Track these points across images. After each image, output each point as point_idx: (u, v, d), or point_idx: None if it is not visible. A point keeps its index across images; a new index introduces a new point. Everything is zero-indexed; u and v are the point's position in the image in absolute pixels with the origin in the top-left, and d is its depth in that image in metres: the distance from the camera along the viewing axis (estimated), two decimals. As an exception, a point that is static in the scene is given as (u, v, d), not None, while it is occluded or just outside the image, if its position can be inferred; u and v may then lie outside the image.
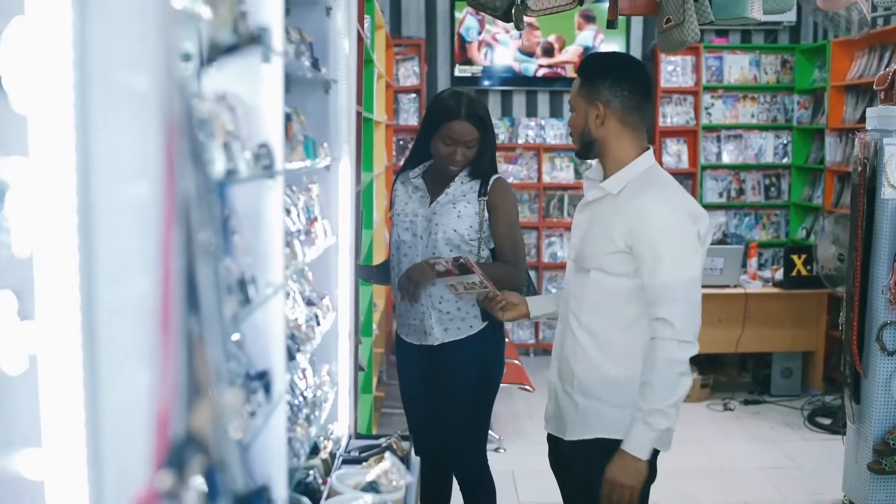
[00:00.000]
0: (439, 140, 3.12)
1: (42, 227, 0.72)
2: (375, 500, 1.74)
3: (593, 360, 2.49)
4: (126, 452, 0.76)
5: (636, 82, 2.49)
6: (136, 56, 0.76)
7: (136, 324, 0.77)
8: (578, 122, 2.53)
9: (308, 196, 2.14)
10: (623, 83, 2.46)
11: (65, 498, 0.72)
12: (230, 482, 0.84)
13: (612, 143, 2.49)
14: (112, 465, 0.75)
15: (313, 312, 2.06)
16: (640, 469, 2.36)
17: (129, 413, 0.77)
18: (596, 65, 2.59)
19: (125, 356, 0.77)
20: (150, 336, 0.77)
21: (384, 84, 6.02)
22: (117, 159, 0.76)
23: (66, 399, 0.72)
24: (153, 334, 0.76)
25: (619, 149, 2.49)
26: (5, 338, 0.68)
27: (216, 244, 0.86)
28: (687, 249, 2.37)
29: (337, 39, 2.27)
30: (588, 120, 2.49)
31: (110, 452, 0.74)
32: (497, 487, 4.64)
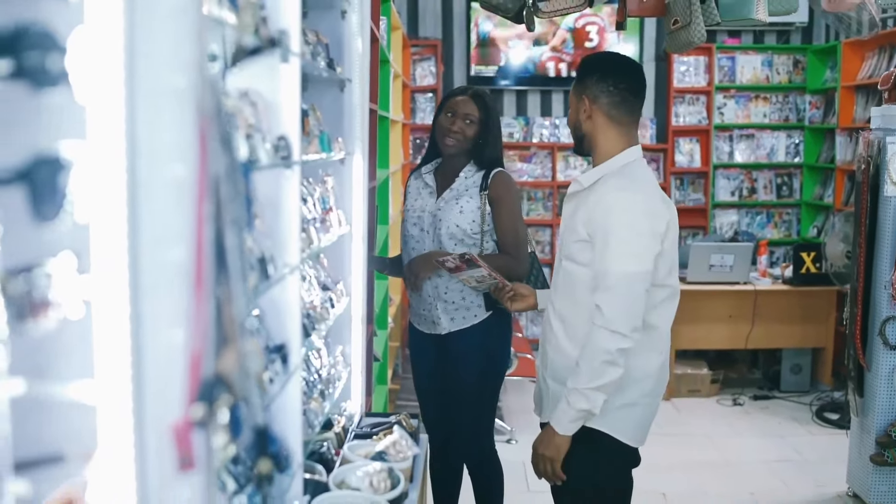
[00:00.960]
0: (442, 115, 3.29)
1: (97, 200, 0.86)
2: (384, 466, 1.88)
3: (562, 345, 2.54)
4: (165, 387, 0.91)
5: (623, 79, 2.54)
6: (174, 58, 0.90)
7: (173, 281, 0.91)
8: (571, 117, 2.62)
9: (324, 188, 2.28)
10: (609, 79, 2.52)
11: (112, 421, 0.87)
12: (251, 417, 0.98)
13: (599, 138, 2.55)
14: (152, 397, 0.89)
15: (328, 296, 2.20)
16: (559, 443, 2.43)
17: (168, 354, 0.91)
18: (588, 62, 2.66)
19: (164, 307, 0.91)
20: (185, 292, 0.91)
21: (401, 84, 6.16)
22: (159, 144, 0.91)
23: (115, 340, 0.87)
24: (188, 291, 0.90)
25: (605, 143, 2.54)
26: (67, 288, 0.82)
27: (241, 216, 1.00)
28: (633, 243, 2.38)
29: (351, 41, 2.42)
30: (578, 114, 2.56)
31: (151, 386, 0.89)
32: (508, 477, 4.76)
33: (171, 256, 0.91)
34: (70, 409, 0.85)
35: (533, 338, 7.46)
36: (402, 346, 6.54)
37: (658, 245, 2.43)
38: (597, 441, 2.50)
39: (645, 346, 2.48)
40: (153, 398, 0.89)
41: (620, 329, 2.34)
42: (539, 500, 4.48)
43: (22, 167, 0.76)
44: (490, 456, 3.54)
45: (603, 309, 2.35)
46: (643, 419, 2.58)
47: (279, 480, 1.63)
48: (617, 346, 2.34)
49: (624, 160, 2.52)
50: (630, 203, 2.41)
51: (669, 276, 2.51)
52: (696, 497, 4.57)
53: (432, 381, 3.51)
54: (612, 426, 2.50)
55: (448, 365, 3.39)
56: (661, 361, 2.57)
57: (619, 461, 2.59)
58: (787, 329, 6.25)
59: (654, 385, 2.57)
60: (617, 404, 2.48)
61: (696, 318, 6.03)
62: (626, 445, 2.54)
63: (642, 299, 2.39)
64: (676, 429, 5.59)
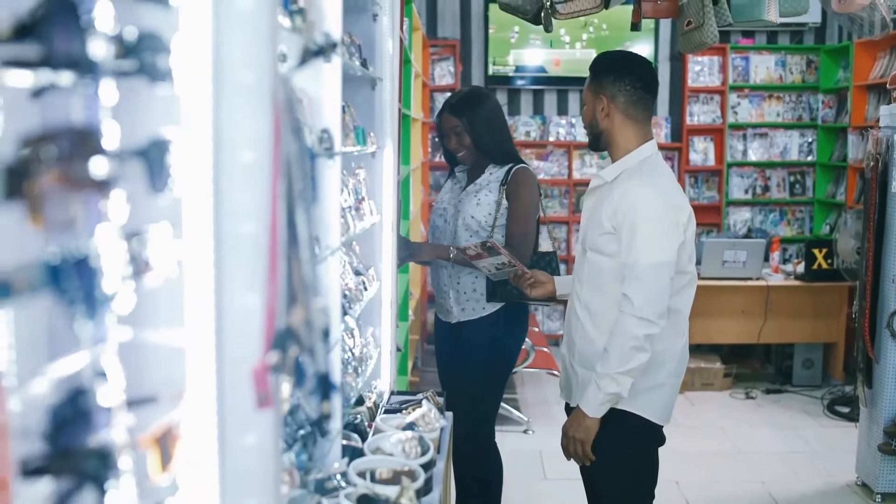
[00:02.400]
0: (439, 139, 3.49)
1: (187, 177, 1.02)
2: (415, 434, 2.04)
3: (589, 333, 2.67)
4: (244, 336, 1.06)
5: (639, 78, 2.67)
6: (252, 58, 1.06)
7: (251, 247, 1.07)
8: (587, 115, 2.73)
9: (356, 180, 2.44)
10: (626, 78, 2.65)
11: (198, 362, 1.03)
12: (316, 365, 1.13)
13: (616, 135, 2.68)
14: (234, 344, 1.05)
15: (360, 280, 2.36)
16: (588, 425, 2.56)
17: (247, 308, 1.06)
18: (603, 62, 2.77)
19: (243, 270, 1.06)
20: (261, 256, 1.06)
21: (421, 83, 6.32)
22: (239, 130, 1.06)
23: (201, 295, 1.02)
24: (264, 255, 1.06)
25: (622, 139, 2.67)
26: (164, 251, 0.98)
27: (307, 194, 1.15)
28: (659, 235, 2.52)
29: (382, 42, 2.58)
30: (595, 112, 2.68)
31: (233, 334, 1.05)
32: (525, 466, 4.89)
33: (249, 226, 1.06)
34: (164, 354, 1.00)
35: (549, 333, 7.60)
36: (421, 341, 6.69)
37: (681, 235, 2.57)
38: (626, 422, 2.64)
39: (668, 330, 2.63)
40: (234, 345, 1.05)
41: (648, 316, 2.48)
42: (555, 487, 4.63)
43: (141, 147, 0.92)
44: (486, 447, 3.58)
45: (632, 298, 2.48)
46: (669, 398, 2.72)
47: (321, 444, 1.79)
48: (645, 332, 2.48)
49: (642, 155, 2.65)
50: (654, 197, 2.54)
51: (689, 263, 2.65)
52: (709, 485, 4.70)
53: (450, 365, 3.64)
54: (640, 407, 2.65)
55: (456, 354, 3.52)
56: (682, 343, 2.73)
57: (648, 440, 2.74)
58: (799, 324, 6.35)
59: (677, 366, 2.72)
60: (644, 386, 2.63)
61: (709, 313, 6.15)
62: (653, 424, 2.69)
63: (668, 288, 2.53)
64: (690, 420, 5.71)
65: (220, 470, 1.10)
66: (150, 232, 0.95)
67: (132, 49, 0.85)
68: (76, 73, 0.76)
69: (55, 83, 0.73)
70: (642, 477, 2.79)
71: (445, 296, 3.47)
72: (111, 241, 0.84)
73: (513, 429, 5.44)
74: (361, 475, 1.85)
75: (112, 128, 0.83)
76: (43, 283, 0.72)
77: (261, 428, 1.11)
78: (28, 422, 0.77)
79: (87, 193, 0.79)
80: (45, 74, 0.72)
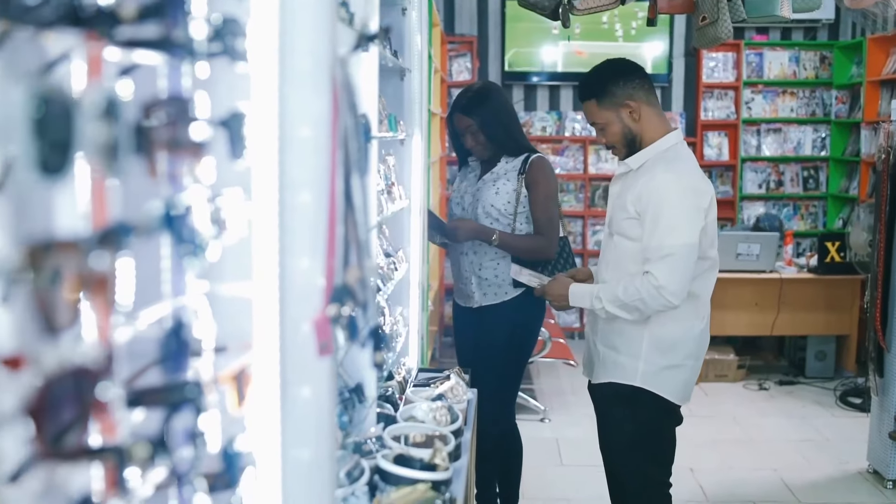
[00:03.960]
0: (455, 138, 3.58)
1: (255, 149, 1.14)
2: (444, 404, 2.16)
3: (604, 316, 2.79)
4: (306, 289, 1.18)
5: (637, 71, 2.82)
6: (314, 43, 1.18)
7: (312, 212, 1.19)
8: (616, 130, 2.79)
9: (386, 166, 2.56)
10: (632, 76, 2.77)
11: (264, 311, 1.15)
12: (370, 319, 1.26)
13: (645, 129, 2.79)
14: (296, 297, 1.17)
15: (391, 261, 2.49)
16: (564, 305, 2.90)
17: (308, 265, 1.18)
18: (599, 78, 2.83)
19: (305, 231, 1.18)
20: (321, 221, 1.18)
21: (439, 79, 6.43)
22: (302, 106, 1.18)
23: (267, 252, 1.15)
24: (324, 221, 1.17)
25: (649, 131, 2.79)
26: (237, 212, 1.10)
27: (363, 164, 1.27)
28: (683, 218, 2.62)
29: (411, 35, 2.70)
30: (625, 121, 2.77)
31: (295, 288, 1.17)
32: (542, 453, 4.99)
33: (310, 194, 1.18)
34: (236, 302, 1.13)
35: (565, 326, 7.71)
36: (439, 333, 6.80)
37: (703, 220, 2.67)
38: (645, 401, 2.77)
39: (688, 313, 2.74)
40: (297, 297, 1.17)
41: (671, 298, 2.60)
42: (571, 473, 4.75)
43: (224, 118, 1.04)
44: (509, 430, 3.69)
45: (656, 275, 2.59)
46: (688, 379, 2.84)
47: (359, 409, 1.91)
48: (657, 308, 2.62)
49: (668, 143, 2.77)
50: (677, 182, 2.65)
51: (710, 248, 2.76)
52: (722, 471, 4.79)
53: (473, 355, 3.75)
54: (660, 386, 2.77)
55: (479, 337, 3.64)
56: (701, 328, 2.84)
57: (666, 419, 2.86)
58: (812, 317, 6.40)
59: (696, 348, 2.83)
60: (664, 366, 2.75)
61: (722, 306, 6.21)
62: (671, 404, 2.81)
63: (691, 270, 2.63)
64: (704, 410, 5.80)
65: (282, 415, 1.22)
66: (227, 194, 1.08)
67: (218, 32, 0.97)
68: (180, 51, 0.88)
69: (164, 59, 0.86)
70: (660, 455, 2.91)
71: (467, 282, 3.58)
72: (202, 199, 0.96)
73: (530, 417, 5.55)
74: (396, 439, 1.98)
75: (204, 100, 0.96)
76: (155, 229, 0.84)
77: (318, 377, 1.23)
78: (142, 349, 0.89)
79: (186, 155, 0.92)
80: (156, 53, 0.85)
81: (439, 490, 1.75)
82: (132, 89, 0.80)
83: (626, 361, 2.79)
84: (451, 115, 3.57)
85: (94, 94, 0.71)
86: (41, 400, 0.69)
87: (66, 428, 0.71)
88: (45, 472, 0.72)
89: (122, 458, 0.79)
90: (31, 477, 0.73)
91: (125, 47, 0.85)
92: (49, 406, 0.69)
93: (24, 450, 0.70)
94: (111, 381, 0.75)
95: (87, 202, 0.74)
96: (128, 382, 0.87)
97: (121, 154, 0.74)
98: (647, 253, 2.65)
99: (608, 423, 2.94)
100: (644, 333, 2.75)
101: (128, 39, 0.80)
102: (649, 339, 2.75)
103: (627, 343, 2.78)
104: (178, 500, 0.95)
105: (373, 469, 1.81)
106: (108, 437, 0.79)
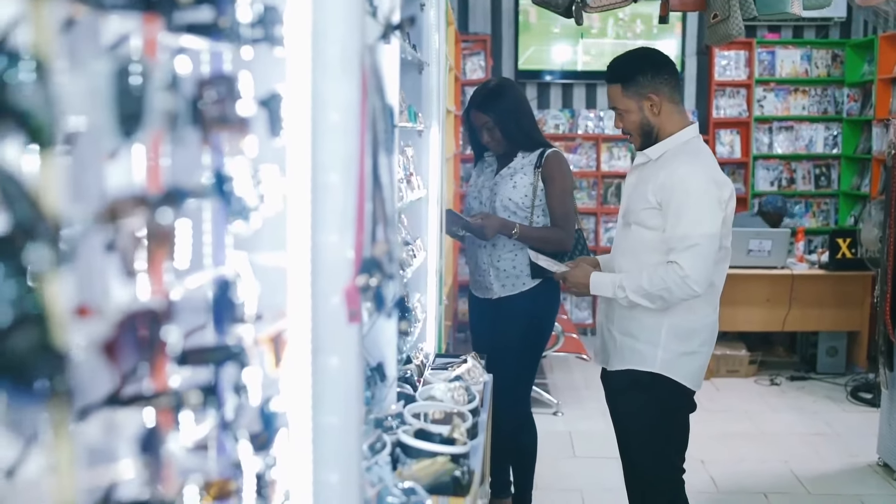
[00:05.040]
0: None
1: (290, 130, 1.22)
2: (462, 384, 2.24)
3: (626, 305, 2.85)
4: (337, 260, 1.27)
5: (668, 65, 2.88)
6: (344, 28, 1.27)
7: (342, 192, 1.27)
8: (635, 119, 2.87)
9: (405, 157, 2.65)
10: (662, 70, 2.84)
11: (297, 279, 1.23)
12: (396, 289, 1.34)
13: (665, 123, 2.86)
14: (328, 267, 1.26)
15: (410, 249, 2.57)
16: (584, 292, 2.93)
17: (338, 238, 1.27)
18: (630, 65, 2.90)
19: (336, 209, 1.27)
20: (350, 200, 1.26)
21: (453, 77, 6.51)
22: (334, 89, 1.26)
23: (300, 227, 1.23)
24: (353, 199, 1.26)
25: (669, 124, 2.86)
26: (274, 187, 1.18)
27: (390, 145, 1.35)
28: (705, 209, 2.69)
29: (430, 31, 2.78)
30: (645, 113, 2.85)
31: (326, 261, 1.25)
32: (555, 445, 5.06)
33: (340, 174, 1.26)
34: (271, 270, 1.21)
35: (578, 322, 7.77)
36: (452, 329, 6.88)
37: (723, 211, 2.75)
38: (662, 387, 2.85)
39: (704, 302, 2.83)
40: (328, 268, 1.26)
41: (696, 287, 2.67)
42: (584, 464, 4.82)
43: (264, 98, 1.13)
44: (526, 421, 3.78)
45: (681, 264, 2.66)
46: (700, 365, 2.92)
47: (380, 387, 2.00)
48: (682, 297, 2.69)
49: (686, 136, 2.85)
50: (699, 174, 2.73)
51: (726, 238, 2.83)
52: (733, 463, 4.85)
53: (490, 346, 3.82)
54: (677, 373, 2.84)
55: (496, 327, 3.72)
56: (715, 316, 2.93)
57: (681, 404, 2.94)
58: (823, 313, 6.43)
59: (709, 335, 2.92)
60: (681, 352, 2.83)
61: (734, 301, 6.25)
62: (687, 389, 2.89)
63: (713, 258, 2.71)
64: (715, 405, 5.86)
65: (313, 381, 1.31)
66: (265, 170, 1.16)
67: (261, 19, 1.06)
68: (229, 35, 0.97)
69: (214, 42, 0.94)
70: (675, 439, 2.98)
71: (485, 274, 3.66)
72: (246, 172, 1.05)
73: (543, 411, 5.62)
74: (416, 416, 2.06)
75: (248, 80, 1.04)
76: (207, 194, 0.93)
77: (347, 346, 1.32)
78: (192, 308, 0.98)
79: (233, 130, 1.00)
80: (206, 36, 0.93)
81: (458, 463, 1.83)
82: (190, 67, 0.88)
83: (645, 349, 2.85)
84: (467, 112, 3.65)
85: (160, 69, 0.79)
86: (111, 343, 0.77)
87: (134, 368, 0.79)
88: (114, 411, 0.81)
89: (178, 403, 0.87)
90: (100, 415, 0.81)
91: (178, 31, 0.93)
92: (119, 348, 0.77)
93: (96, 389, 0.79)
94: (173, 327, 0.83)
95: (152, 166, 0.83)
96: (183, 337, 0.95)
97: (180, 124, 0.83)
98: (671, 243, 2.72)
99: (626, 409, 3.01)
100: (663, 321, 2.83)
101: (182, 24, 0.88)
102: (668, 327, 2.82)
103: (646, 331, 2.85)
104: (225, 448, 1.03)
105: (394, 443, 1.89)
106: (164, 383, 0.88)
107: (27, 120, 0.57)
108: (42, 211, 0.59)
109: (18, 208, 0.56)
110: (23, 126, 0.57)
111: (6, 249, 0.56)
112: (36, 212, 0.57)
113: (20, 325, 0.57)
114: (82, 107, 0.69)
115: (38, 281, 0.58)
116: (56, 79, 0.63)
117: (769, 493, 4.46)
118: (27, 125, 0.57)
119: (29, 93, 0.57)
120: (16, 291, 0.56)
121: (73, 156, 0.74)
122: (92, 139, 0.73)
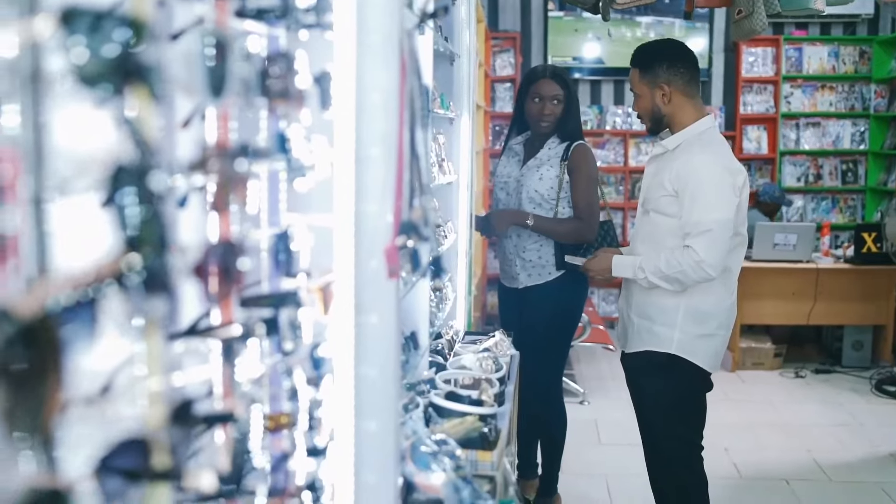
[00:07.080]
0: (530, 100, 3.67)
1: (336, 106, 1.37)
2: (490, 354, 2.38)
3: (646, 286, 2.99)
4: (378, 224, 1.41)
5: (687, 59, 3.00)
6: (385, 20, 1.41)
7: (383, 162, 1.41)
8: (647, 105, 3.02)
9: (437, 144, 2.80)
10: (678, 63, 2.97)
11: (342, 242, 1.38)
12: (431, 250, 1.48)
13: (677, 114, 2.99)
14: (370, 229, 1.40)
15: (440, 230, 2.72)
16: (607, 276, 3.10)
17: (378, 206, 1.41)
18: (649, 53, 3.05)
19: (377, 177, 1.41)
20: (391, 171, 1.41)
21: (483, 73, 6.65)
22: (375, 70, 1.41)
23: (344, 189, 1.38)
24: (393, 170, 1.40)
25: (682, 116, 2.99)
26: (323, 155, 1.33)
27: (426, 121, 1.50)
28: (719, 195, 2.82)
29: (461, 26, 2.93)
30: (655, 100, 2.99)
31: (369, 220, 1.40)
32: (582, 432, 5.16)
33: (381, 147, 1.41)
34: (319, 235, 1.36)
35: (605, 315, 7.88)
36: (482, 320, 7.00)
37: (737, 197, 2.87)
38: (681, 368, 2.98)
39: (720, 286, 2.95)
40: (370, 229, 1.41)
41: (710, 271, 2.80)
42: (608, 451, 4.93)
43: (317, 75, 1.28)
44: (556, 406, 3.87)
45: (696, 249, 2.79)
46: (718, 348, 3.04)
47: (414, 355, 2.15)
48: (697, 279, 2.82)
49: (702, 127, 2.97)
50: (714, 162, 2.86)
51: (741, 225, 2.95)
52: (756, 451, 4.93)
53: (518, 334, 3.94)
54: (693, 354, 2.97)
55: (524, 316, 3.84)
56: (731, 301, 3.05)
57: (697, 385, 3.06)
58: (848, 306, 6.47)
59: (726, 318, 3.03)
60: (698, 335, 2.95)
61: (760, 295, 6.34)
62: (703, 371, 3.01)
63: (728, 243, 2.84)
64: (740, 396, 5.94)
65: (355, 335, 1.46)
66: (315, 139, 1.31)
67: (315, 7, 1.21)
68: (289, 19, 1.12)
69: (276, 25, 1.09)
70: (693, 417, 3.10)
71: (512, 263, 3.78)
72: (301, 139, 1.20)
73: (570, 400, 5.71)
74: (447, 382, 2.20)
75: (304, 59, 1.19)
76: (272, 153, 1.08)
77: (386, 301, 1.46)
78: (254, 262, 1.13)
79: (292, 100, 1.15)
80: (269, 21, 1.08)
81: (486, 422, 1.97)
82: (259, 45, 1.03)
83: (662, 331, 2.98)
84: (533, 80, 3.66)
85: (237, 44, 0.95)
86: (200, 269, 0.92)
87: (218, 293, 0.94)
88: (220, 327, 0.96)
89: (246, 332, 1.02)
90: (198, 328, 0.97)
91: (244, 17, 1.09)
92: (205, 274, 0.92)
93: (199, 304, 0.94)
94: (247, 258, 0.98)
95: (229, 125, 0.98)
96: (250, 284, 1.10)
97: (251, 92, 0.98)
98: (686, 228, 2.84)
99: (644, 389, 3.13)
100: (680, 304, 2.94)
101: (249, 8, 1.04)
102: (685, 309, 2.94)
103: (663, 314, 2.97)
104: (281, 379, 1.19)
105: (426, 405, 2.03)
106: (230, 315, 1.03)
107: (144, 77, 0.71)
108: (154, 153, 0.73)
109: (141, 150, 0.71)
110: (140, 83, 0.71)
111: (134, 180, 0.70)
112: (151, 153, 0.72)
113: (148, 242, 0.71)
114: (178, 71, 0.84)
115: (155, 210, 0.73)
116: (158, 46, 0.77)
117: (791, 480, 4.54)
118: (143, 82, 0.72)
119: (143, 56, 0.71)
120: (143, 215, 0.71)
121: (173, 110, 0.90)
122: (187, 97, 0.88)
